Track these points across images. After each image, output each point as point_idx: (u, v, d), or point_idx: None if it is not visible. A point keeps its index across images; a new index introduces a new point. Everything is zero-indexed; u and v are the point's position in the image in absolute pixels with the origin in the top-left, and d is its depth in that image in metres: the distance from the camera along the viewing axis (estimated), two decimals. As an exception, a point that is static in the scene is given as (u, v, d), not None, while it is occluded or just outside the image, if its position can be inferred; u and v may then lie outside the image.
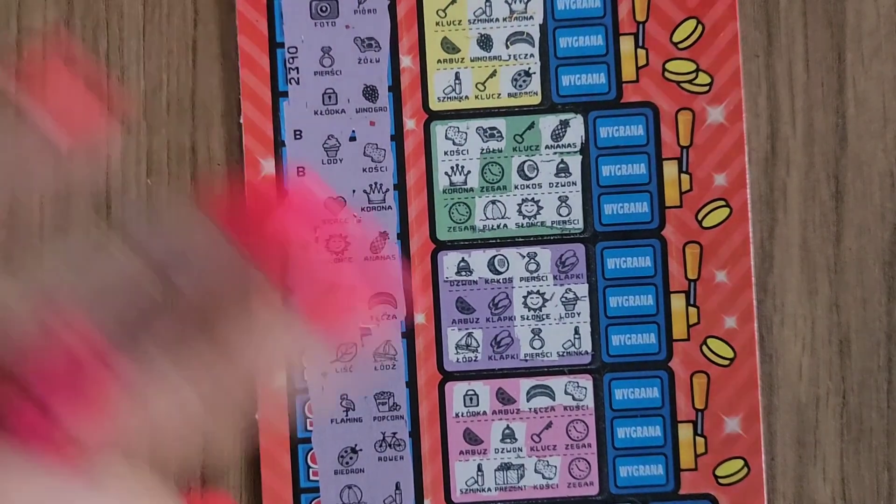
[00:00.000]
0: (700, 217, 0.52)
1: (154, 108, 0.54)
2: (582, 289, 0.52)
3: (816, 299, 0.53)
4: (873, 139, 0.53)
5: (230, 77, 0.54)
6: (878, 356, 0.53)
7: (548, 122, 0.53)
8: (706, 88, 0.52)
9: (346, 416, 0.52)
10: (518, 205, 0.53)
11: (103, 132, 0.34)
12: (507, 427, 0.52)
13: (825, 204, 0.53)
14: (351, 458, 0.52)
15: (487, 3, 0.53)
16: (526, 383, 0.52)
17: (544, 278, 0.53)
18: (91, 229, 0.54)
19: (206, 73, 0.54)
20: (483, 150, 0.53)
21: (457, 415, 0.52)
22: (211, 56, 0.54)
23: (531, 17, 0.53)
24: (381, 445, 0.52)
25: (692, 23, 0.52)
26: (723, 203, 0.52)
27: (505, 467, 0.52)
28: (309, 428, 0.52)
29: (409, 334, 0.53)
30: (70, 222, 0.54)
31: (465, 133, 0.53)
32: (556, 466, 0.52)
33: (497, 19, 0.53)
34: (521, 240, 0.53)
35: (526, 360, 0.52)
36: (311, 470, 0.52)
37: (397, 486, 0.52)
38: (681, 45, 0.52)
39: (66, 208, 0.54)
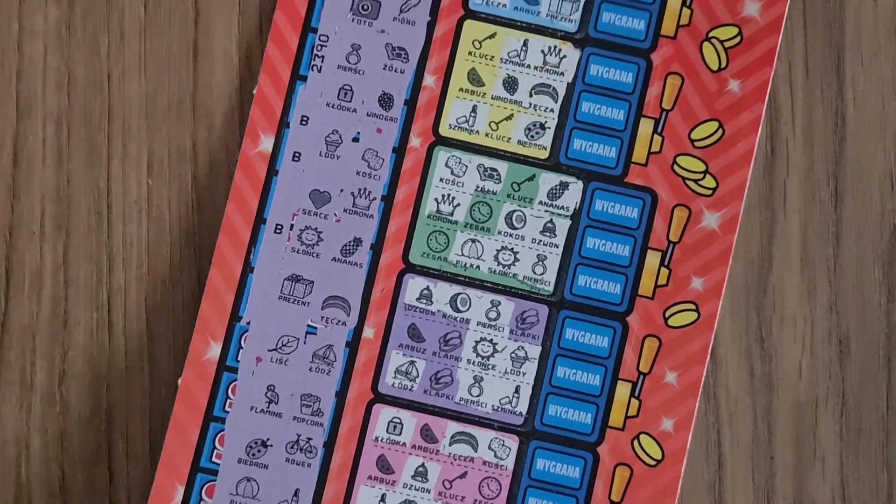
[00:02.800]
0: (667, 314, 0.52)
1: (154, 108, 0.54)
2: (534, 350, 0.52)
3: (816, 300, 0.53)
4: (872, 140, 0.53)
5: (230, 77, 0.54)
6: (877, 357, 0.53)
7: (548, 179, 0.52)
8: (710, 192, 0.52)
9: (268, 407, 0.51)
10: (497, 250, 0.52)
11: None
12: (423, 465, 0.51)
13: (825, 205, 0.53)
14: (259, 450, 0.51)
15: (524, 48, 0.53)
16: (453, 427, 0.52)
17: (501, 329, 0.52)
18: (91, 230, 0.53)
19: (206, 73, 0.54)
20: (478, 187, 0.52)
21: (376, 439, 0.51)
22: (211, 57, 0.54)
23: (562, 73, 0.53)
24: (292, 447, 0.51)
25: (714, 125, 0.52)
26: (692, 307, 0.52)
27: None
28: (227, 409, 0.51)
29: (353, 345, 0.52)
30: (70, 222, 0.54)
31: (466, 166, 0.52)
32: (458, 516, 0.51)
33: (529, 66, 0.53)
34: (489, 285, 0.52)
35: (459, 404, 0.52)
36: (215, 451, 0.51)
37: (296, 493, 0.51)
38: (697, 143, 0.52)
39: (66, 208, 0.54)
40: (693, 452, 0.53)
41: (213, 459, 0.51)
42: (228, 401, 0.51)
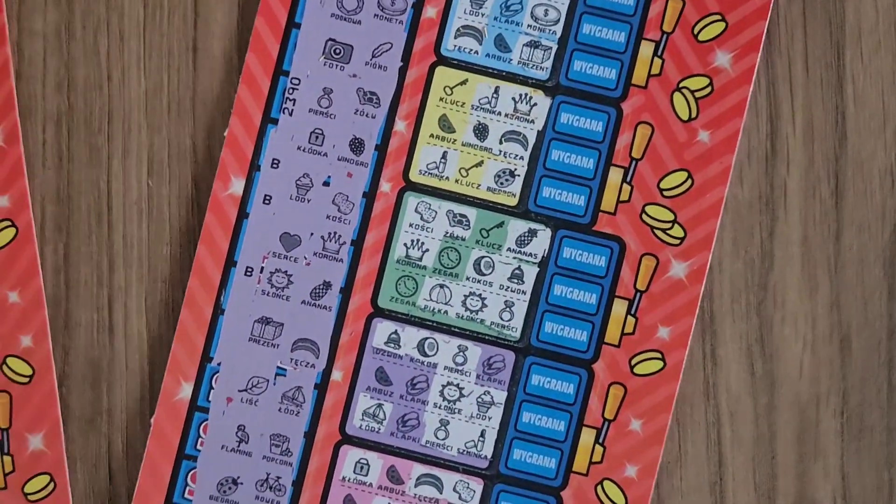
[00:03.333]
0: (633, 362, 0.52)
1: (154, 108, 0.54)
2: (500, 395, 0.53)
3: (817, 297, 0.53)
4: (873, 137, 0.53)
5: (230, 78, 0.54)
6: (878, 354, 0.53)
7: (517, 227, 0.53)
8: (678, 242, 0.52)
9: (238, 447, 0.52)
10: (464, 296, 0.53)
11: None
12: (389, 504, 0.52)
13: (825, 202, 0.53)
14: (230, 488, 0.52)
15: (495, 95, 0.53)
16: (419, 469, 0.52)
17: (468, 374, 0.53)
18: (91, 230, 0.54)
19: (206, 73, 0.54)
20: (447, 233, 0.53)
21: (343, 479, 0.52)
22: (211, 56, 0.54)
23: (532, 122, 0.53)
24: (262, 485, 0.52)
25: (683, 175, 0.53)
26: (658, 356, 0.52)
27: (374, 543, 0.52)
28: (199, 447, 0.52)
29: (321, 387, 0.53)
30: (71, 224, 0.54)
31: (436, 212, 0.53)
32: (422, 557, 0.52)
33: (499, 112, 0.53)
34: (456, 330, 0.53)
35: (425, 447, 0.52)
36: (188, 488, 0.52)
37: (265, 529, 0.52)
38: (666, 193, 0.53)
39: (66, 210, 0.54)
40: (694, 452, 0.53)
41: (186, 496, 0.52)
42: (200, 439, 0.52)
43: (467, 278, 0.53)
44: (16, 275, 0.52)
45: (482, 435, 0.52)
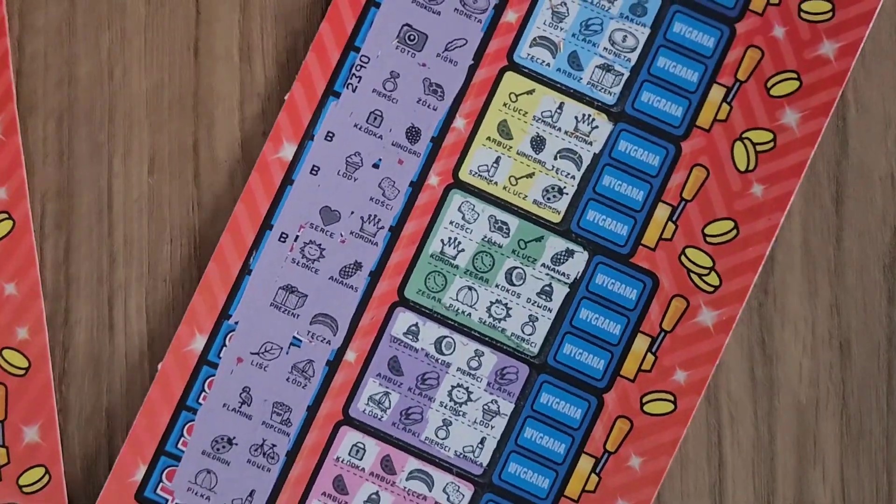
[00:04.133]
0: (644, 400, 0.52)
1: (156, 106, 0.54)
2: (507, 407, 0.52)
3: (817, 301, 0.53)
4: (874, 142, 0.53)
5: (231, 76, 0.54)
6: (878, 358, 0.53)
7: (555, 244, 0.53)
8: (712, 290, 0.52)
9: (240, 408, 0.52)
10: (490, 302, 0.53)
11: None
12: (376, 493, 0.52)
13: (826, 206, 0.53)
14: (224, 447, 0.52)
15: (559, 111, 0.53)
16: (413, 463, 0.52)
17: (479, 379, 0.52)
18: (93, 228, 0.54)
19: (207, 71, 0.54)
20: (485, 237, 0.53)
21: (337, 458, 0.52)
22: (213, 55, 0.54)
23: (591, 143, 0.53)
24: (256, 449, 0.52)
25: (730, 224, 0.52)
26: (671, 398, 0.52)
27: (355, 528, 0.52)
28: (200, 401, 0.52)
29: (333, 365, 0.52)
30: (71, 221, 0.54)
31: (478, 214, 0.53)
32: (400, 551, 0.52)
33: (559, 128, 0.53)
34: (476, 334, 0.53)
35: (424, 443, 0.52)
36: (182, 439, 0.52)
37: (251, 494, 0.52)
38: (709, 239, 0.52)
39: (67, 207, 0.54)
40: (694, 454, 0.53)
41: (179, 446, 0.52)
42: (203, 394, 0.52)
43: (497, 285, 0.53)
44: (13, 267, 0.52)
45: (482, 442, 0.52)
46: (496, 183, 0.53)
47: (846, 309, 0.53)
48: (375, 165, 0.53)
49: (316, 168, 0.53)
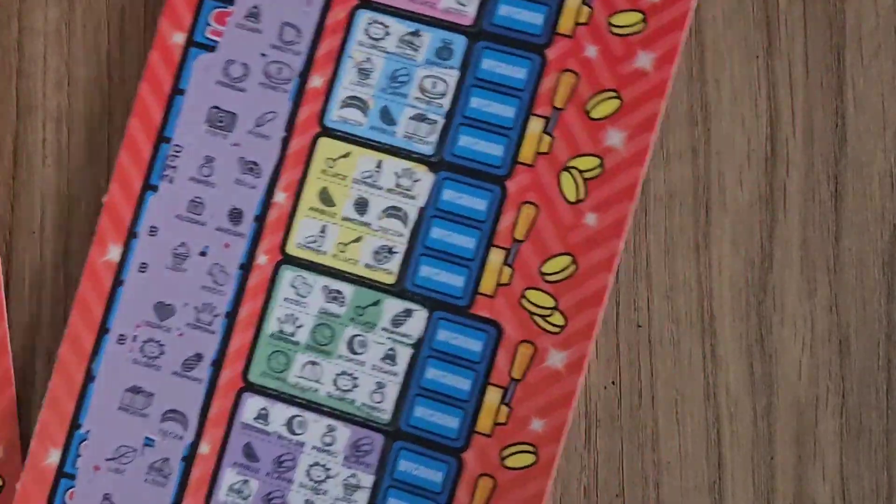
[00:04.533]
0: (504, 454, 0.50)
1: None
2: (367, 479, 0.51)
3: (816, 299, 0.52)
4: (872, 139, 0.52)
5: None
6: (877, 356, 0.52)
7: (393, 306, 0.51)
8: (558, 330, 0.50)
9: (104, 515, 0.52)
10: (336, 375, 0.51)
11: None
12: (254, 583, 0.51)
13: (825, 204, 0.53)
14: (96, 556, 0.52)
15: (378, 170, 0.51)
16: (283, 549, 0.51)
17: (335, 455, 0.51)
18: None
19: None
20: (322, 309, 0.51)
21: (207, 554, 0.51)
22: None
23: (414, 198, 0.51)
24: (128, 555, 0.52)
25: (567, 259, 0.50)
26: (531, 449, 0.50)
27: None
28: (65, 514, 0.52)
29: (188, 459, 0.52)
30: (71, 223, 0.54)
31: (311, 287, 0.52)
32: None
33: (381, 188, 0.51)
34: (326, 409, 0.51)
35: (290, 528, 0.51)
36: (53, 554, 0.52)
37: None
38: (548, 278, 0.50)
39: (66, 209, 0.54)
40: (693, 452, 0.52)
41: (55, 560, 0.52)
42: (67, 506, 0.52)
43: (340, 356, 0.51)
44: None
45: (347, 519, 0.51)
46: (325, 252, 0.52)
47: (845, 306, 0.52)
48: (202, 253, 0.52)
49: (144, 265, 0.52)
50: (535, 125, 0.50)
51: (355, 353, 0.51)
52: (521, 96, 0.51)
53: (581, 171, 0.50)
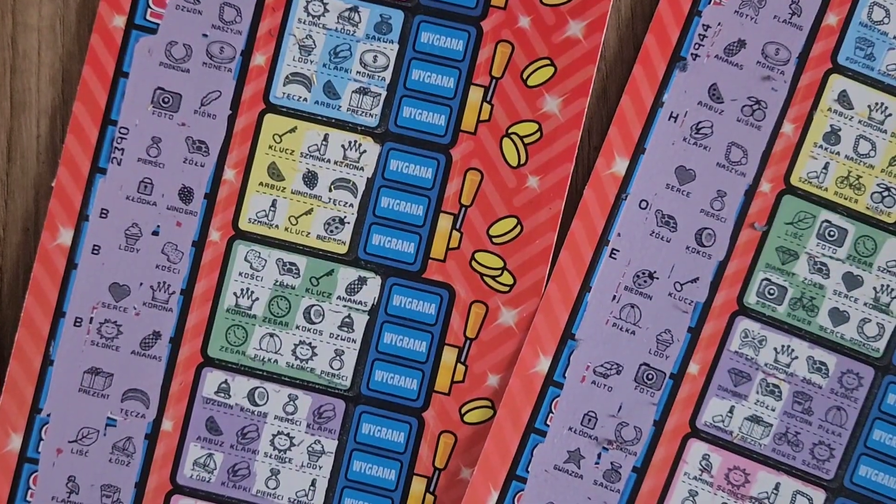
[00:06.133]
0: (463, 411, 0.52)
1: None
2: (331, 444, 0.52)
3: None
4: None
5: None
6: None
7: (347, 275, 0.53)
8: (507, 289, 0.52)
9: (69, 498, 0.52)
10: (294, 345, 0.53)
11: None
12: (223, 553, 0.52)
13: None
14: (62, 538, 0.52)
15: (324, 143, 0.53)
16: (251, 518, 0.52)
17: (298, 423, 0.52)
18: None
19: None
20: (277, 282, 0.53)
21: (175, 528, 0.52)
22: None
23: (362, 169, 0.53)
24: (94, 535, 0.52)
25: (513, 221, 0.52)
26: (489, 404, 0.52)
27: (206, 592, 0.52)
28: (29, 498, 0.52)
29: (152, 437, 0.52)
30: None
31: (265, 261, 0.53)
32: None
33: (329, 160, 0.53)
34: (286, 379, 0.53)
35: (256, 496, 0.52)
36: (19, 539, 0.52)
37: (99, 579, 0.52)
38: (495, 240, 0.52)
39: None
40: None
41: (18, 546, 0.52)
42: (30, 491, 0.52)
43: (297, 327, 0.53)
44: None
45: (313, 484, 0.52)
46: (277, 226, 0.53)
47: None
48: (155, 233, 0.53)
49: (97, 247, 0.53)
50: (475, 94, 0.52)
51: (312, 323, 0.53)
52: (460, 67, 0.53)
53: (521, 137, 0.52)
